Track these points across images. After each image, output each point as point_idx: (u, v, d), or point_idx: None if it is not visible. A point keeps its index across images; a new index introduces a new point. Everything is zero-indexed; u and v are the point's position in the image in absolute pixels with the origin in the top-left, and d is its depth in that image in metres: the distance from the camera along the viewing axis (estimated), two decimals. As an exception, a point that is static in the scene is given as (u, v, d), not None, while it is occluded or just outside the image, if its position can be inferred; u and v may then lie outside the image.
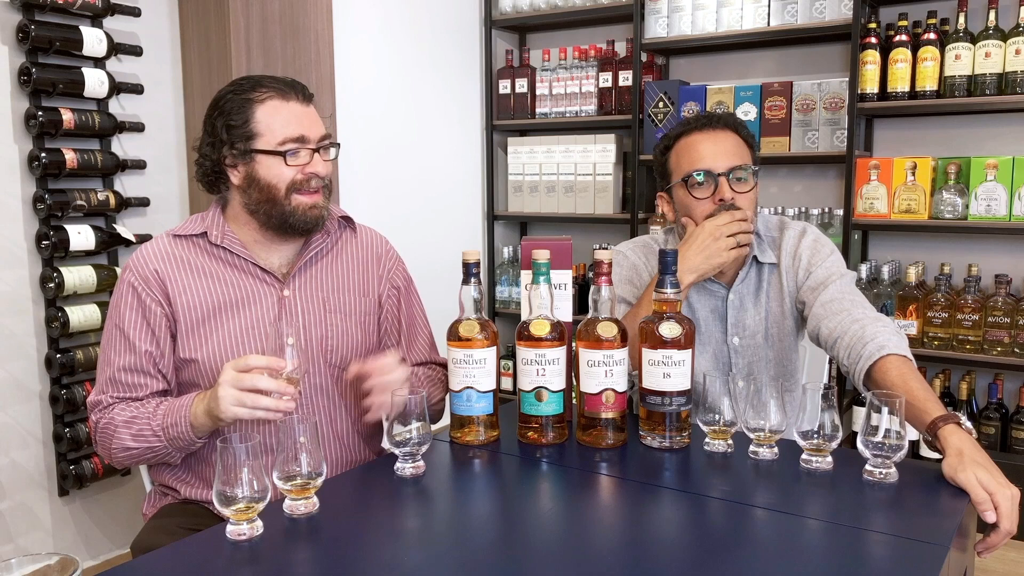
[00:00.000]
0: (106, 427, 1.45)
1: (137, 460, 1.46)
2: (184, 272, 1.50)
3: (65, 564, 0.83)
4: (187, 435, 1.40)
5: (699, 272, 1.62)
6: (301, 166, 1.48)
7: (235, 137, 1.47)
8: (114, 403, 1.46)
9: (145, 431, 1.42)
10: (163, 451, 1.42)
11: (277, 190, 1.47)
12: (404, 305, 1.71)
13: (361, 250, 1.66)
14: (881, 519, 1.15)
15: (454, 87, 3.49)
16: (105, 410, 1.47)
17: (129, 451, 1.43)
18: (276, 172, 1.47)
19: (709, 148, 1.66)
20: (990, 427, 2.75)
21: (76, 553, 2.43)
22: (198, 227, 1.54)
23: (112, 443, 1.44)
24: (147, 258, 1.50)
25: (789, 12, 2.95)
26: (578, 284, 3.36)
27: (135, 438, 1.42)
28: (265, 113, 1.46)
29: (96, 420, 1.48)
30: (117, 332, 1.49)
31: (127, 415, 1.44)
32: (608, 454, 1.40)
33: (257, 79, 1.51)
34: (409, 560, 1.04)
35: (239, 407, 1.30)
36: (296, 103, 1.50)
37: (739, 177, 1.65)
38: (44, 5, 2.17)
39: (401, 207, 3.20)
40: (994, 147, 2.85)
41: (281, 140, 1.46)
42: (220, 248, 1.52)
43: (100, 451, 1.49)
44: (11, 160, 2.22)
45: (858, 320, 1.53)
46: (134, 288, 1.49)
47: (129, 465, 1.51)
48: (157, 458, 1.45)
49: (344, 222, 1.66)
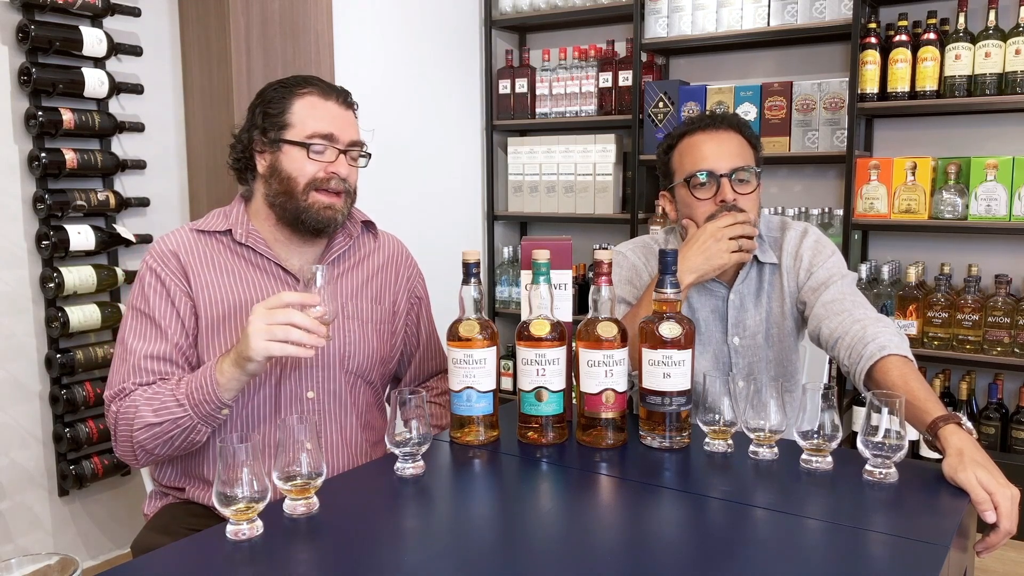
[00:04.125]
0: (127, 411, 1.39)
1: (160, 444, 1.38)
2: (206, 267, 1.49)
3: (65, 564, 0.83)
4: (212, 395, 1.34)
5: (699, 273, 1.61)
6: (324, 164, 1.47)
7: (269, 125, 1.48)
8: (135, 389, 1.41)
9: (168, 402, 1.36)
10: (187, 424, 1.36)
11: (296, 183, 1.47)
12: (425, 316, 1.71)
13: (382, 257, 1.65)
14: (881, 519, 1.15)
15: (454, 87, 3.49)
16: (126, 397, 1.41)
17: (151, 429, 1.36)
18: (298, 166, 1.47)
19: (712, 148, 1.66)
20: (990, 427, 2.75)
21: (76, 553, 2.44)
22: (222, 223, 1.52)
23: (134, 424, 1.37)
24: (168, 245, 1.49)
25: (789, 12, 2.95)
26: (578, 284, 3.36)
27: (157, 412, 1.36)
28: (302, 106, 1.48)
29: (116, 410, 1.41)
30: (143, 319, 1.45)
31: (148, 393, 1.39)
32: (608, 454, 1.40)
33: (305, 77, 1.53)
34: (409, 560, 1.04)
35: (270, 341, 1.28)
36: (334, 104, 1.51)
37: (741, 179, 1.65)
38: (44, 5, 2.17)
39: (401, 207, 3.20)
40: (994, 147, 2.85)
41: (310, 133, 1.47)
42: (244, 247, 1.51)
43: (120, 447, 1.42)
44: (11, 160, 2.22)
45: (859, 321, 1.53)
46: (157, 274, 1.46)
47: (149, 456, 1.41)
48: (181, 436, 1.38)
49: (365, 227, 1.65)
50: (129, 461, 1.45)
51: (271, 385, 1.48)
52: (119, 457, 1.47)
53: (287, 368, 1.48)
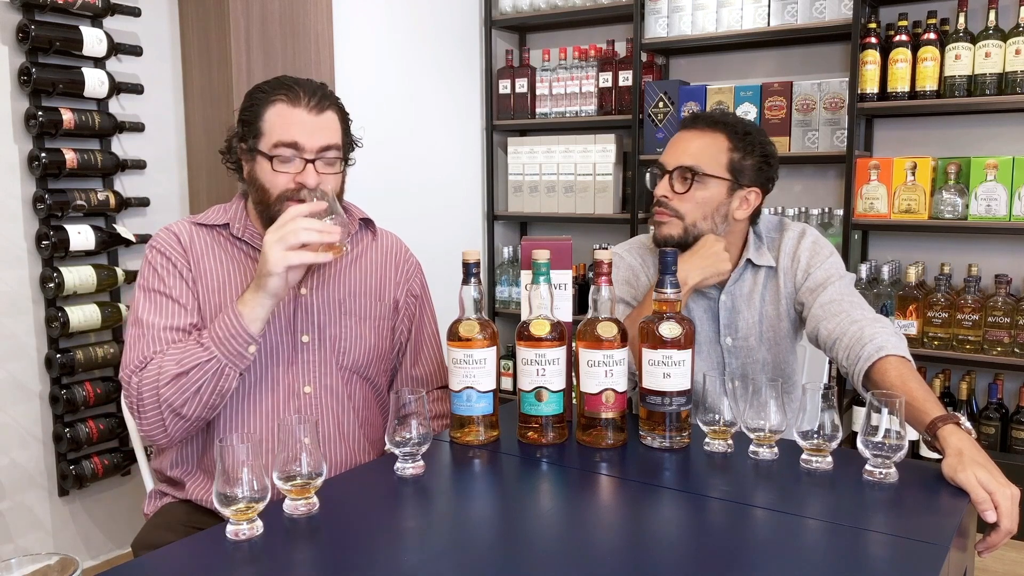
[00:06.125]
0: (150, 373, 1.36)
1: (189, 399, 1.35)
2: (206, 256, 1.50)
3: (65, 564, 0.83)
4: (237, 328, 1.33)
5: (704, 275, 1.64)
6: (291, 174, 1.45)
7: (247, 132, 1.48)
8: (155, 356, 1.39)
9: (192, 348, 1.35)
10: (215, 366, 1.34)
11: (268, 195, 1.46)
12: (428, 313, 1.71)
13: (380, 254, 1.65)
14: (881, 519, 1.15)
15: (454, 87, 3.49)
16: (148, 365, 1.37)
17: (178, 381, 1.34)
18: (268, 177, 1.46)
19: (672, 145, 1.73)
20: (990, 427, 2.75)
21: (76, 553, 2.44)
22: (220, 218, 1.54)
23: (160, 382, 1.34)
24: (170, 234, 1.51)
25: (789, 12, 2.95)
26: (578, 284, 3.36)
27: (181, 362, 1.34)
28: (272, 114, 1.46)
29: (138, 381, 1.37)
30: (158, 297, 1.45)
31: (173, 350, 1.37)
32: (608, 454, 1.40)
33: (282, 80, 1.49)
34: (409, 560, 1.04)
35: (287, 250, 1.30)
36: (303, 111, 1.44)
37: (683, 176, 1.68)
38: (44, 5, 2.17)
39: (401, 207, 3.20)
40: (994, 147, 2.85)
41: (275, 143, 1.44)
42: (241, 241, 1.52)
43: (146, 419, 1.37)
44: (11, 160, 2.22)
45: (857, 321, 1.53)
46: (166, 255, 1.48)
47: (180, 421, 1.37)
48: (210, 384, 1.35)
49: (364, 224, 1.65)
50: (158, 435, 1.39)
51: (268, 380, 1.48)
52: (145, 436, 1.42)
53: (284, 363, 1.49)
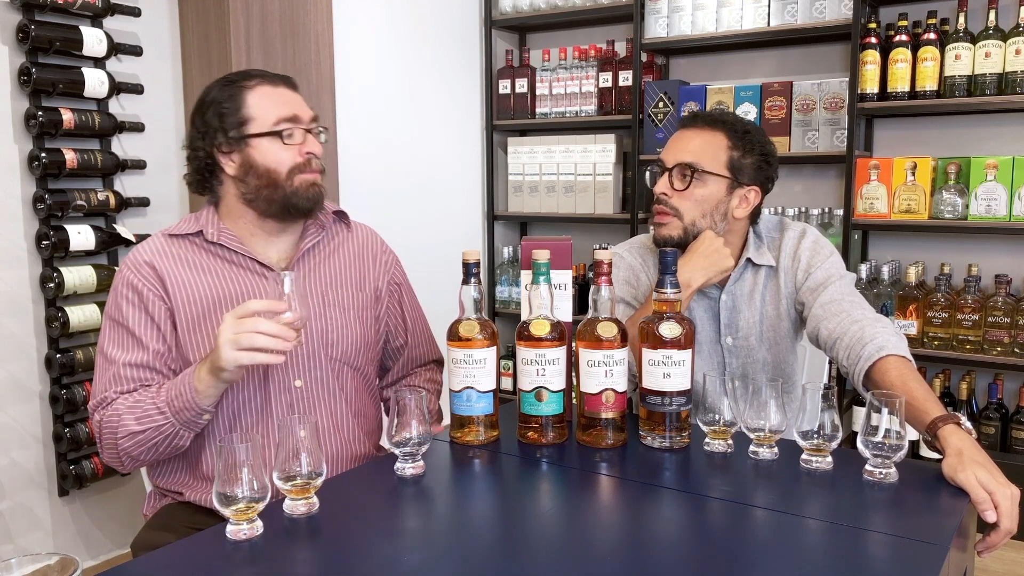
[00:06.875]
0: (110, 420, 1.41)
1: (144, 451, 1.40)
2: (181, 268, 1.49)
3: (65, 564, 0.83)
4: (192, 403, 1.35)
5: (707, 275, 1.63)
6: (298, 146, 1.49)
7: (228, 125, 1.47)
8: (118, 397, 1.43)
9: (150, 410, 1.38)
10: (170, 430, 1.38)
11: (278, 174, 1.47)
12: (408, 301, 1.72)
13: (356, 246, 1.66)
14: (881, 519, 1.15)
15: (454, 87, 3.49)
16: (109, 405, 1.43)
17: (135, 437, 1.38)
18: (274, 156, 1.47)
19: (672, 143, 1.72)
20: (990, 427, 2.75)
21: (76, 553, 2.44)
22: (193, 226, 1.54)
23: (118, 433, 1.39)
24: (142, 255, 1.50)
25: (789, 12, 2.95)
26: (578, 284, 3.36)
27: (139, 420, 1.38)
28: (256, 98, 1.48)
29: (99, 419, 1.44)
30: (120, 329, 1.47)
31: (131, 401, 1.41)
32: (608, 454, 1.40)
33: (244, 71, 1.54)
34: (409, 560, 1.04)
35: (239, 350, 1.28)
36: (284, 88, 1.52)
37: (683, 174, 1.67)
38: (44, 5, 2.17)
39: (401, 207, 3.20)
40: (994, 147, 2.85)
41: (275, 120, 1.47)
42: (217, 245, 1.52)
43: (106, 454, 1.45)
44: (11, 160, 2.22)
45: (857, 321, 1.53)
46: (131, 283, 1.47)
47: (136, 462, 1.44)
48: (165, 442, 1.40)
49: (337, 217, 1.66)
50: (116, 467, 1.47)
51: (259, 376, 1.49)
52: (106, 463, 1.50)
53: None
